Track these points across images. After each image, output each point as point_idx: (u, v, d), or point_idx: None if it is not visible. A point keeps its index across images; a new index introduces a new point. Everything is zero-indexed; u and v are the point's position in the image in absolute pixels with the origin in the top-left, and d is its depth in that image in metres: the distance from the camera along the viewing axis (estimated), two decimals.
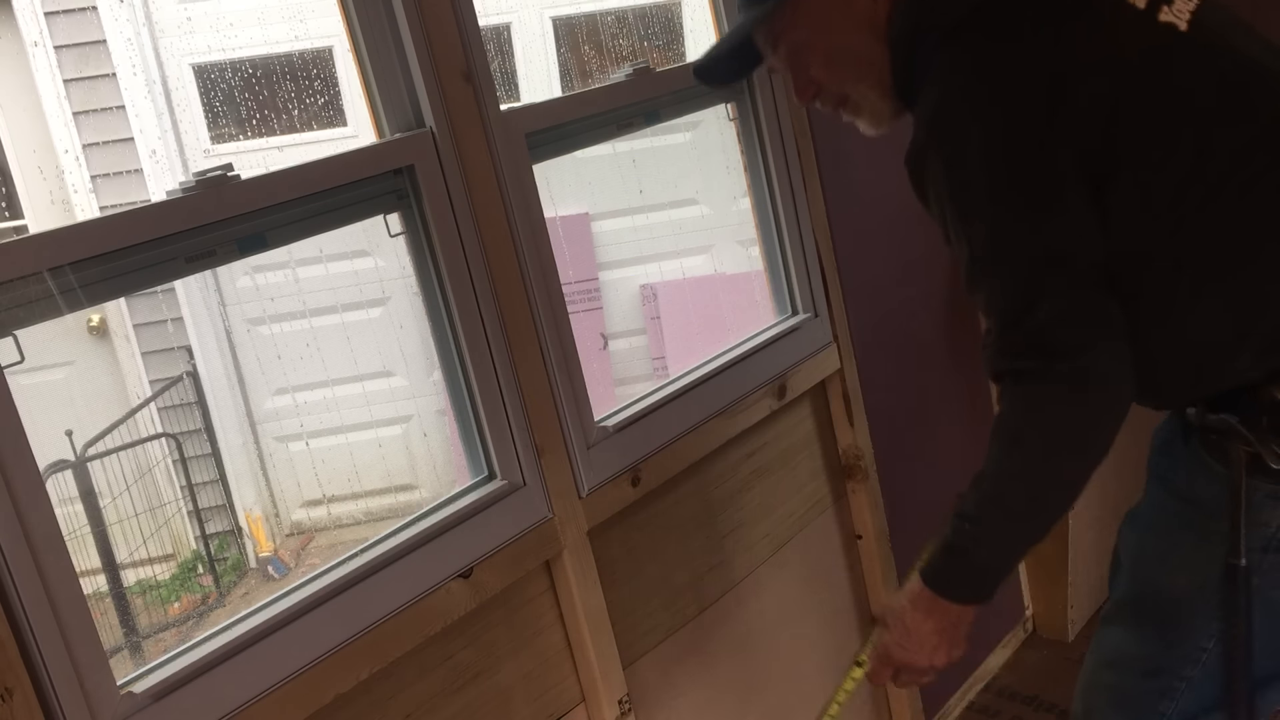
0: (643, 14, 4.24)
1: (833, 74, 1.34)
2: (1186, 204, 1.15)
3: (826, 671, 2.09)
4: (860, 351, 2.14)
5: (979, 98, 1.17)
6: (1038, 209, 1.15)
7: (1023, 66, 1.16)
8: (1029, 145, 1.14)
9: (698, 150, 4.02)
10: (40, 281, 1.15)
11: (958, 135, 1.18)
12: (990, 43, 1.19)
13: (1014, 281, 1.17)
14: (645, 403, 1.76)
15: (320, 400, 3.99)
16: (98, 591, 3.48)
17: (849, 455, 2.13)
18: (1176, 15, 1.19)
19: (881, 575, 2.18)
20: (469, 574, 1.49)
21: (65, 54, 3.94)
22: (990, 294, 1.20)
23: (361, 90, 1.47)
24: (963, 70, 1.19)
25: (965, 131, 1.17)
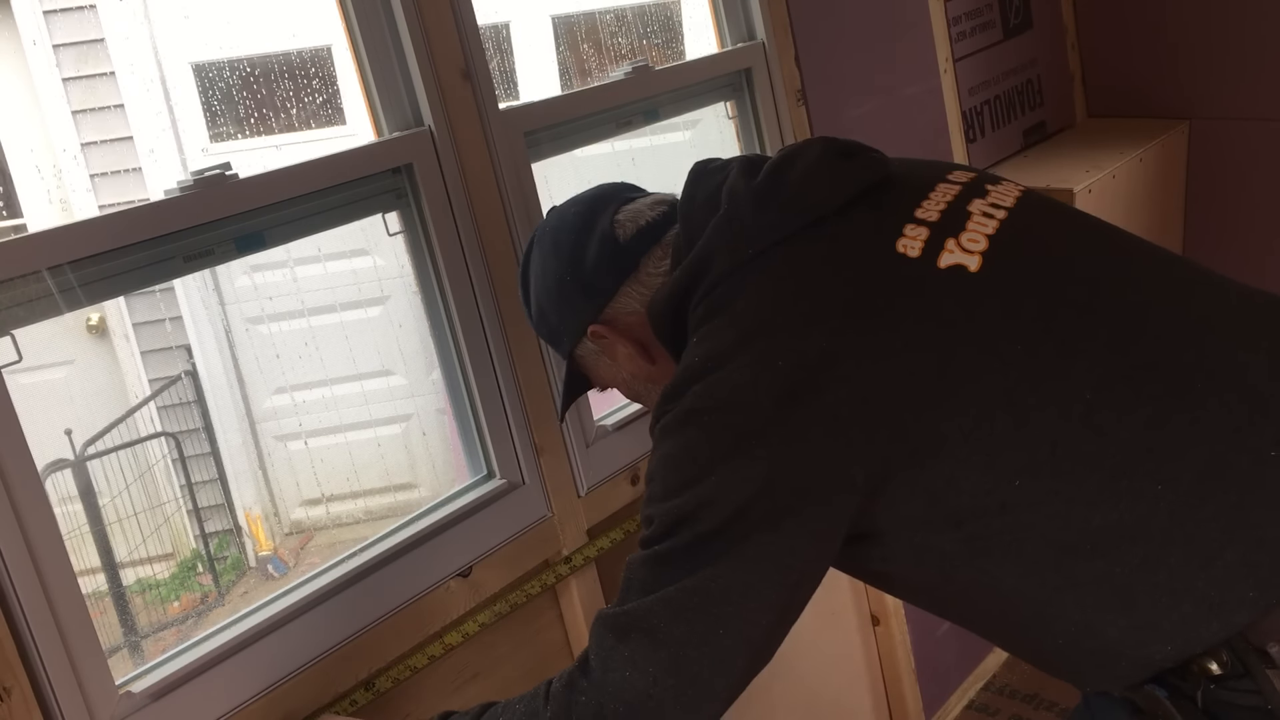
0: (642, 12, 4.23)
1: (644, 399, 1.27)
2: (996, 495, 0.95)
3: (826, 670, 2.08)
4: None
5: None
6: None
7: (757, 353, 0.99)
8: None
9: (697, 149, 4.01)
10: (39, 280, 1.15)
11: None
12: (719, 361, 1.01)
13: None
14: None
15: (319, 399, 3.98)
16: (96, 590, 3.47)
17: None
18: (966, 250, 1.01)
19: None
20: (468, 573, 1.49)
21: (64, 52, 3.93)
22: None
23: (360, 89, 1.47)
24: (701, 349, 1.04)
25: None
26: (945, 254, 1.01)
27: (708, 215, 1.09)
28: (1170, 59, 2.70)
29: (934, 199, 1.07)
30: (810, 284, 1.02)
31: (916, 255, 1.01)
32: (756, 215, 1.05)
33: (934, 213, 1.05)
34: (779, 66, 1.96)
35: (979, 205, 1.06)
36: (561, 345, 1.26)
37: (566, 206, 1.26)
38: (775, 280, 1.03)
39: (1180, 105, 2.70)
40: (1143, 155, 2.52)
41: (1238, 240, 2.68)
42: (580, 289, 1.19)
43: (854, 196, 1.06)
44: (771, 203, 1.06)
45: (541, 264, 1.23)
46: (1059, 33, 2.76)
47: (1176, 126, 2.67)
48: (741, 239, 1.04)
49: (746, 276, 1.03)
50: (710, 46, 2.00)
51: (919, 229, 1.03)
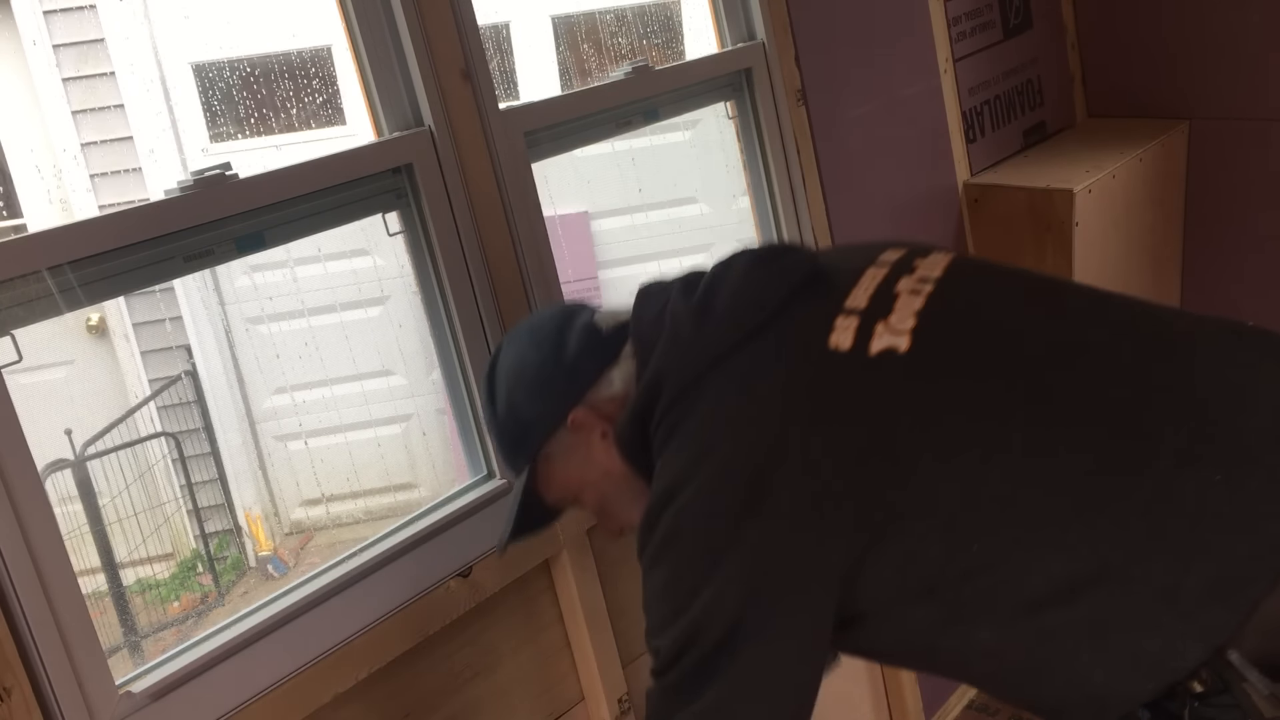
0: (642, 12, 4.23)
1: (612, 507, 1.25)
2: (957, 562, 0.98)
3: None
4: None
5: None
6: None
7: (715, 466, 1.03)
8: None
9: (697, 149, 4.01)
10: (39, 280, 1.15)
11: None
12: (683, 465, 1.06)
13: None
14: None
15: (319, 399, 3.98)
16: (97, 590, 3.47)
17: None
18: (895, 332, 1.03)
19: None
20: (468, 573, 1.49)
21: (64, 52, 3.93)
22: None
23: (360, 89, 1.47)
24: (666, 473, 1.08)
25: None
26: (876, 339, 1.04)
27: (655, 335, 1.13)
28: (1170, 59, 2.70)
29: (863, 285, 1.10)
30: (753, 397, 1.05)
31: (849, 347, 1.04)
32: (696, 336, 1.09)
33: (863, 299, 1.08)
34: (779, 66, 1.96)
35: (906, 284, 1.09)
36: (529, 444, 1.22)
37: (536, 314, 1.31)
38: (721, 398, 1.06)
39: (1180, 105, 2.70)
40: (1143, 155, 2.52)
41: (1238, 240, 2.68)
42: (565, 374, 1.20)
43: (785, 300, 1.09)
44: (708, 322, 1.09)
45: (517, 358, 1.23)
46: (1059, 33, 2.76)
47: (1176, 126, 2.67)
48: (686, 360, 1.08)
49: (696, 398, 1.06)
50: (710, 46, 2.00)
51: (849, 319, 1.06)
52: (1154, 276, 2.67)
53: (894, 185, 2.27)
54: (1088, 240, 2.34)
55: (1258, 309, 2.68)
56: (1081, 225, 2.31)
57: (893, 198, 2.26)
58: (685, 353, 1.09)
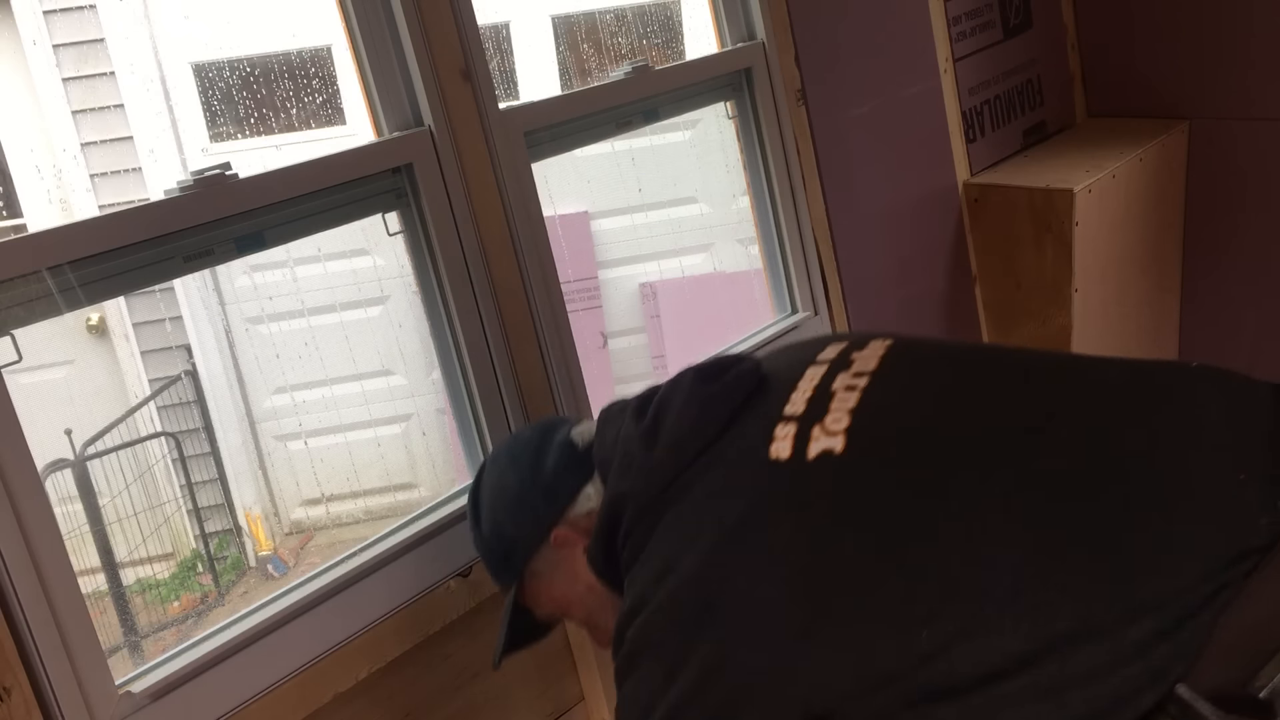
0: (642, 12, 4.23)
1: (597, 620, 1.28)
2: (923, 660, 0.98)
3: None
4: None
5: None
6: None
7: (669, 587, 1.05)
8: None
9: (697, 148, 4.01)
10: (39, 280, 1.15)
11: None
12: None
13: None
14: None
15: (319, 399, 3.98)
16: (97, 590, 3.47)
17: None
18: (830, 433, 1.06)
19: None
20: (468, 573, 1.49)
21: (64, 52, 3.93)
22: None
23: (360, 89, 1.47)
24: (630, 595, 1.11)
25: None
26: (813, 443, 1.06)
27: (612, 459, 1.17)
28: (1170, 59, 2.70)
29: (801, 388, 1.12)
30: (703, 517, 1.07)
31: (788, 455, 1.06)
32: (646, 461, 1.13)
33: (800, 404, 1.10)
34: (779, 66, 1.96)
35: (843, 380, 1.11)
36: (515, 562, 1.26)
37: (515, 434, 1.34)
38: (675, 520, 1.09)
39: (1180, 105, 2.70)
40: (1143, 155, 2.52)
41: (1238, 240, 2.68)
42: (542, 494, 1.24)
43: (729, 416, 1.12)
44: (656, 446, 1.13)
45: (498, 478, 1.28)
46: (1059, 33, 2.76)
47: (1176, 126, 2.67)
48: (639, 485, 1.12)
49: (653, 520, 1.10)
50: (710, 46, 2.00)
51: (788, 426, 1.08)
52: (1154, 276, 2.67)
53: (894, 185, 2.27)
54: (1088, 240, 2.34)
55: (1258, 308, 2.68)
56: (1081, 225, 2.31)
57: (893, 197, 2.26)
58: (637, 478, 1.12)
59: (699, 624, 1.03)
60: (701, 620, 1.03)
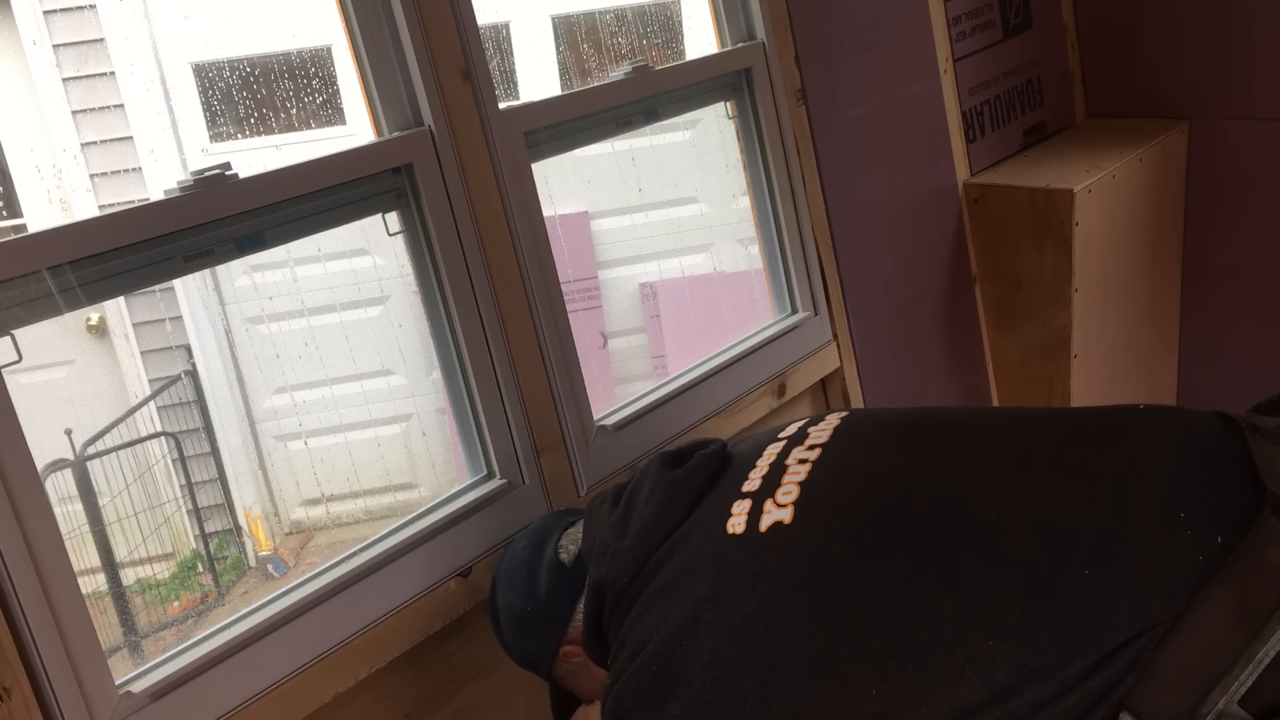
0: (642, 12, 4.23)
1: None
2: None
3: None
4: (860, 350, 2.14)
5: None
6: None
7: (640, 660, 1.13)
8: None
9: (697, 148, 4.01)
10: (39, 280, 1.15)
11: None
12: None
13: None
14: (645, 401, 1.76)
15: (319, 399, 3.98)
16: (96, 590, 3.47)
17: None
18: (780, 505, 1.13)
19: None
20: (468, 573, 1.49)
21: (64, 52, 3.93)
22: None
23: (360, 89, 1.47)
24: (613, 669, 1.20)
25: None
26: (765, 516, 1.13)
27: (592, 550, 1.26)
28: (1170, 59, 2.70)
29: (759, 466, 1.20)
30: (670, 594, 1.14)
31: (742, 530, 1.13)
32: (620, 548, 1.21)
33: (756, 481, 1.18)
34: (779, 66, 1.96)
35: (797, 454, 1.19)
36: (540, 670, 1.36)
37: (516, 542, 1.40)
38: (648, 600, 1.16)
39: (1180, 105, 2.70)
40: (1143, 155, 2.52)
41: (1238, 240, 2.68)
42: (541, 617, 1.32)
43: (695, 498, 1.21)
44: (627, 534, 1.21)
45: (504, 602, 1.37)
46: (1059, 33, 2.76)
47: (1176, 126, 2.67)
48: (614, 572, 1.20)
49: (631, 601, 1.18)
50: (710, 46, 2.00)
51: (743, 503, 1.16)
52: (1154, 276, 2.67)
53: (894, 185, 2.27)
54: (1088, 240, 2.35)
55: (1258, 308, 2.68)
56: (1081, 225, 2.31)
57: (893, 197, 2.26)
58: (613, 566, 1.20)
59: (665, 693, 1.10)
60: (668, 690, 1.09)
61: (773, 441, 1.24)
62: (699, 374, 1.84)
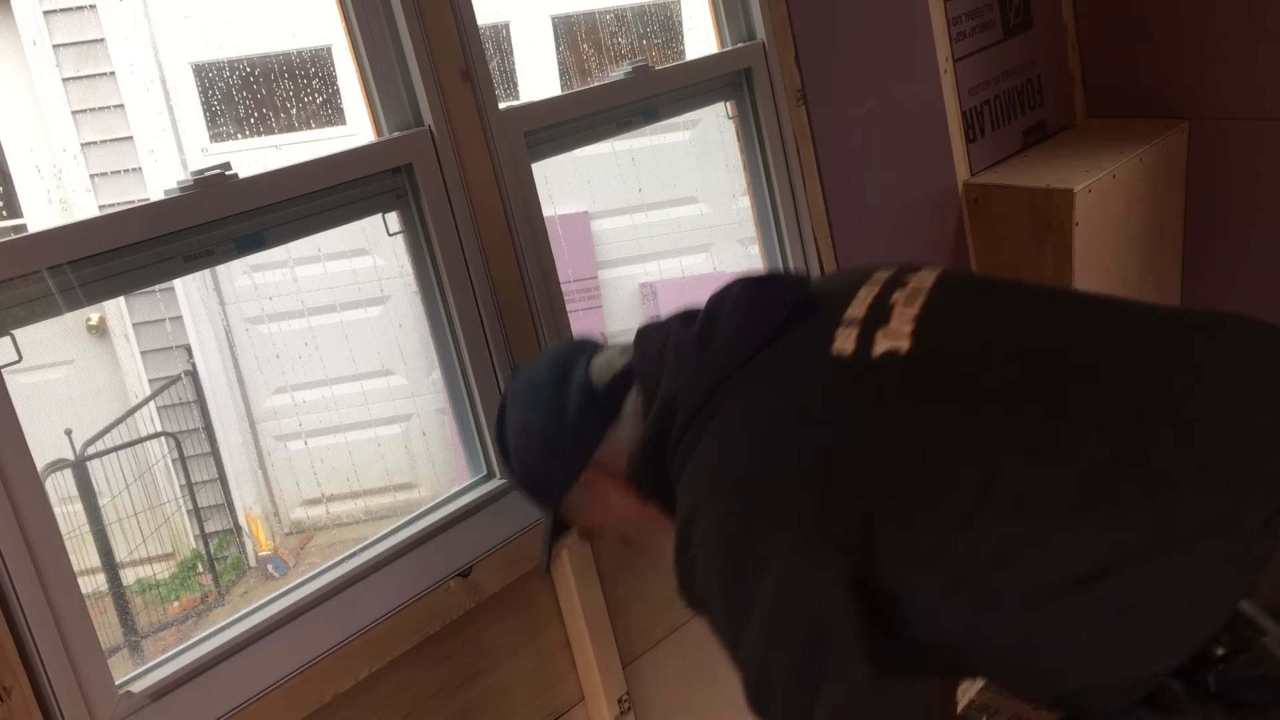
0: (642, 12, 4.23)
1: (637, 540, 1.33)
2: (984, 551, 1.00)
3: None
4: None
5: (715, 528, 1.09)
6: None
7: (736, 478, 1.07)
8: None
9: (697, 149, 4.01)
10: (39, 280, 1.15)
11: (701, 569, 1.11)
12: (705, 484, 1.10)
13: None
14: None
15: (319, 399, 3.98)
16: (97, 590, 3.48)
17: None
18: (895, 335, 1.08)
19: None
20: (468, 573, 1.49)
21: (64, 52, 3.94)
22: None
23: (360, 89, 1.47)
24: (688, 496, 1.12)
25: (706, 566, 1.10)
26: (877, 344, 1.08)
27: (659, 369, 1.17)
28: (1170, 59, 2.70)
29: (859, 300, 1.14)
30: (763, 409, 1.09)
31: (851, 351, 1.08)
32: (700, 362, 1.13)
33: (860, 310, 1.12)
34: (779, 66, 1.96)
35: (900, 295, 1.14)
36: (548, 497, 1.29)
37: (535, 363, 1.32)
38: (732, 417, 1.09)
39: (1180, 105, 2.70)
40: (1143, 155, 2.52)
41: (1238, 240, 2.68)
42: (568, 440, 1.24)
43: (783, 321, 1.13)
44: (711, 348, 1.14)
45: (521, 421, 1.28)
46: (1059, 33, 2.76)
47: (1176, 126, 2.67)
48: (695, 384, 1.12)
49: (708, 417, 1.10)
50: (710, 46, 1.99)
51: (849, 329, 1.10)
52: (1154, 276, 2.67)
53: (894, 185, 2.27)
54: (1088, 240, 2.34)
55: (1258, 308, 2.67)
56: (1081, 225, 2.31)
57: (893, 197, 2.26)
58: (693, 377, 1.12)
59: (771, 515, 1.04)
60: (773, 511, 1.03)
61: (865, 284, 1.16)
62: None
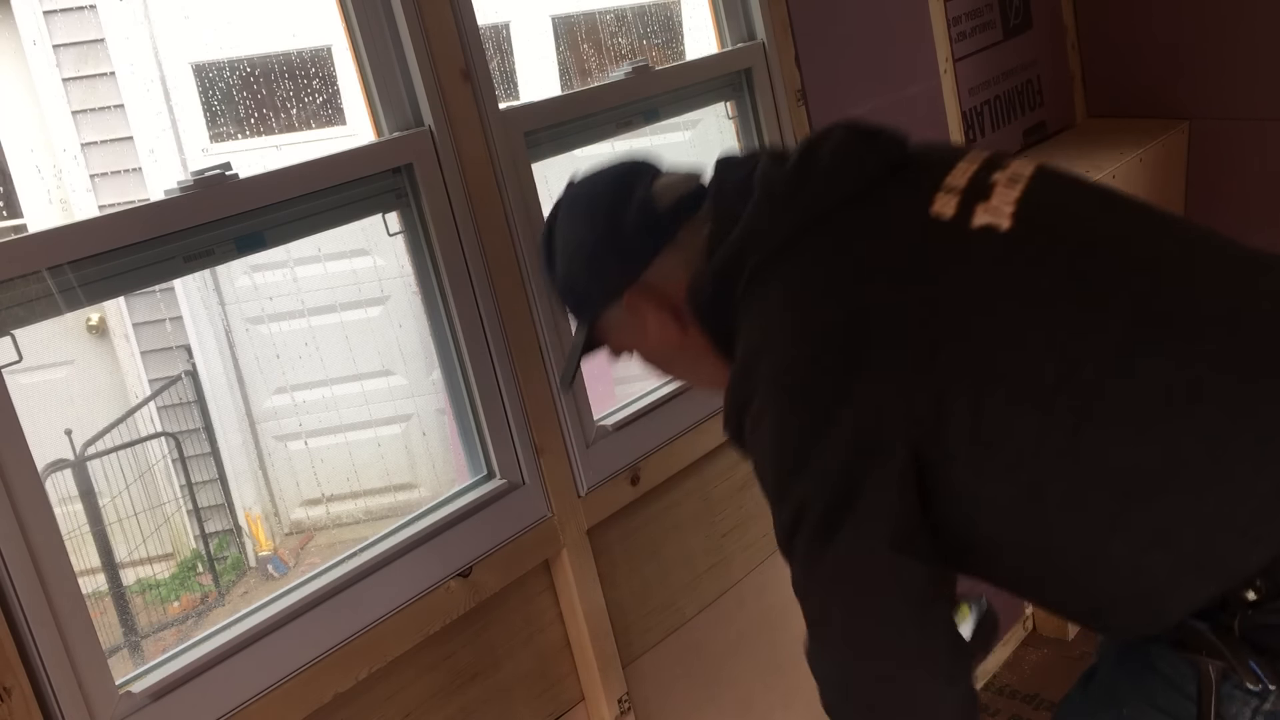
0: (642, 12, 4.23)
1: (670, 368, 1.32)
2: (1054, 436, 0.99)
3: None
4: None
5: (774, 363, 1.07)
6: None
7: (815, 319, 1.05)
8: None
9: (697, 149, 4.01)
10: (39, 280, 1.15)
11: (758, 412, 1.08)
12: (783, 306, 1.08)
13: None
14: (645, 401, 1.76)
15: (319, 399, 3.98)
16: (97, 591, 3.47)
17: None
18: (996, 213, 1.05)
19: None
20: (468, 573, 1.49)
21: (64, 52, 3.93)
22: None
23: (360, 89, 1.47)
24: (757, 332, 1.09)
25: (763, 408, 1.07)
26: (976, 216, 1.05)
27: (740, 201, 1.13)
28: (1170, 59, 2.70)
29: (959, 171, 1.11)
30: (850, 252, 1.06)
31: (951, 215, 1.06)
32: (791, 197, 1.10)
33: (962, 180, 1.09)
34: (779, 67, 1.96)
35: (1000, 176, 1.10)
36: (587, 312, 1.26)
37: (595, 177, 1.26)
38: (816, 254, 1.07)
39: (1180, 105, 2.70)
40: (1143, 155, 2.52)
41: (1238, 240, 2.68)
42: (618, 255, 1.20)
43: (880, 174, 1.10)
44: (804, 185, 1.10)
45: (572, 230, 1.24)
46: (1059, 33, 2.76)
47: (1176, 126, 2.67)
48: (784, 218, 1.09)
49: (792, 255, 1.07)
50: (710, 46, 1.99)
51: (949, 195, 1.08)
52: None
53: None
54: None
55: None
56: None
57: None
58: (782, 212, 1.09)
59: (847, 362, 1.02)
60: (849, 357, 1.02)
61: (965, 159, 1.14)
62: None
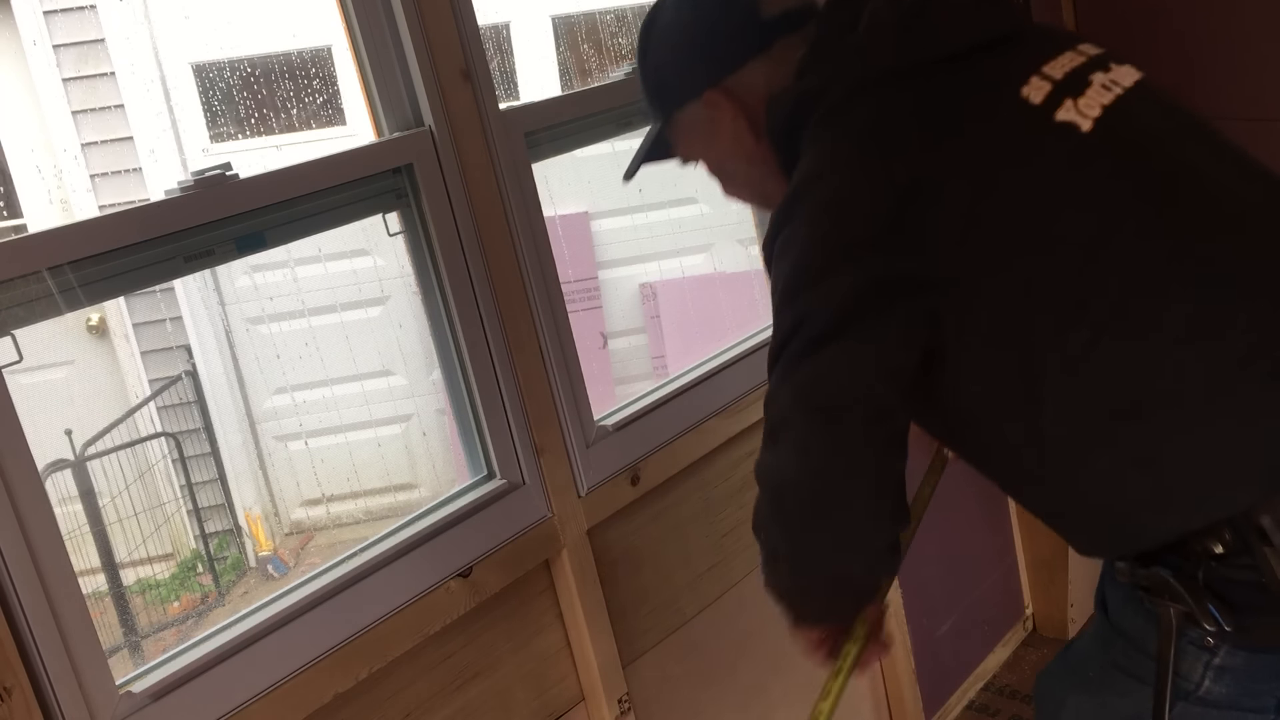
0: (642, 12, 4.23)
1: (734, 178, 1.33)
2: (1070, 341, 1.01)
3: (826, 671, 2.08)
4: None
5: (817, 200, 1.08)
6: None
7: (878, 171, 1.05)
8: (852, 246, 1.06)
9: None
10: (39, 281, 1.15)
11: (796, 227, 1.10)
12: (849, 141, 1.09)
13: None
14: (645, 401, 1.76)
15: (319, 399, 3.99)
16: (97, 591, 3.48)
17: None
18: (1081, 113, 1.05)
19: None
20: (468, 573, 1.49)
21: (64, 53, 3.94)
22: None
23: (360, 89, 1.47)
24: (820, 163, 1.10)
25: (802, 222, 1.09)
26: (1062, 110, 1.05)
27: (843, 33, 1.13)
28: (1169, 59, 2.70)
29: (1061, 61, 1.11)
30: (931, 108, 1.06)
31: (1038, 102, 1.05)
32: (895, 37, 1.09)
33: (1059, 72, 1.09)
34: None
35: (1100, 77, 1.10)
36: (668, 103, 1.27)
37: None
38: (896, 101, 1.07)
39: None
40: None
41: None
42: (710, 51, 1.21)
43: (986, 42, 1.10)
44: (913, 29, 1.10)
45: (675, 16, 1.25)
46: None
47: None
48: (876, 57, 1.09)
49: (871, 93, 1.08)
50: None
51: (1043, 82, 1.07)
52: None
53: None
54: None
55: None
56: None
57: None
58: (877, 52, 1.09)
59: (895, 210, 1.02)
60: (899, 206, 1.02)
61: (1071, 50, 1.13)
62: (699, 374, 1.84)
